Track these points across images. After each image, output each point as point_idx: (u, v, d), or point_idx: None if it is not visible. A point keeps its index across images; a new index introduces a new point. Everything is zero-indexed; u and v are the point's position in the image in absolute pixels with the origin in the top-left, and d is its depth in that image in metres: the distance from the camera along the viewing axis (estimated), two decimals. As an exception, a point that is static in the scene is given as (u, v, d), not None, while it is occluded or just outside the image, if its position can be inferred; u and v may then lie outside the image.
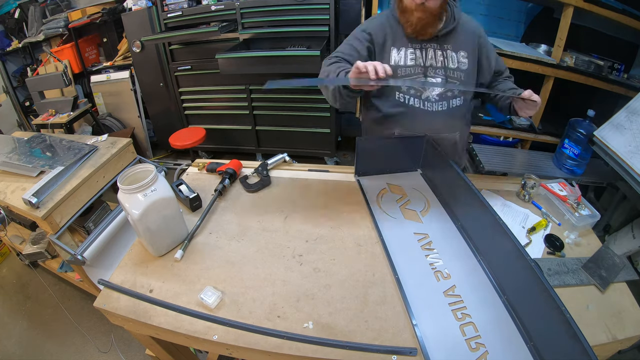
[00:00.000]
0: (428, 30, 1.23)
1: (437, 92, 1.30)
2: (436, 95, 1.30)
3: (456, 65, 1.28)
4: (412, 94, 1.31)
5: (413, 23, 1.21)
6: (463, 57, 1.28)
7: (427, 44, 1.28)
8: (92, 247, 1.42)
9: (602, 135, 1.93)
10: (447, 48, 1.28)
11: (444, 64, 1.28)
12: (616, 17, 2.22)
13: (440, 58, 1.28)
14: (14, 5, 3.56)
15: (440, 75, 1.29)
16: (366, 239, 1.09)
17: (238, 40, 2.79)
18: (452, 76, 1.29)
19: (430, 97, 1.30)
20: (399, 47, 1.29)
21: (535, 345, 0.77)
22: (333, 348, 0.79)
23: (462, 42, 1.28)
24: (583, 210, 1.16)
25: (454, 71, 1.29)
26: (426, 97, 1.31)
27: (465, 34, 1.28)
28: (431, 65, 1.28)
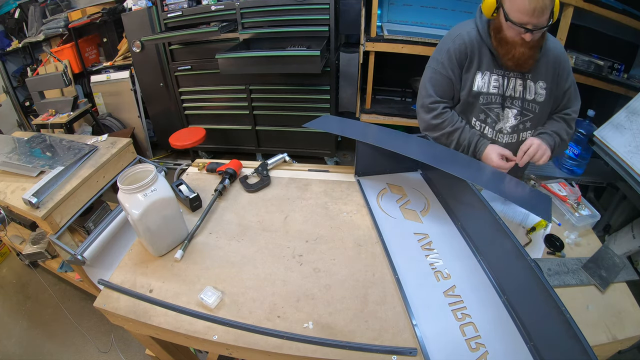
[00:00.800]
0: (529, 63, 1.15)
1: (510, 124, 1.26)
2: (509, 128, 1.27)
3: (533, 96, 1.22)
4: (488, 122, 1.27)
5: (516, 57, 1.13)
6: (541, 88, 1.21)
7: (510, 72, 1.20)
8: (92, 247, 1.42)
9: (602, 135, 1.93)
10: (527, 77, 1.21)
11: (522, 94, 1.22)
12: (616, 17, 2.22)
13: (519, 88, 1.21)
14: (14, 5, 3.56)
15: (517, 106, 1.23)
16: (366, 239, 1.09)
17: (238, 40, 2.79)
18: (527, 108, 1.24)
19: (504, 128, 1.27)
20: (484, 71, 1.22)
21: (535, 345, 0.77)
22: (333, 348, 0.79)
23: (542, 71, 1.20)
24: (583, 210, 1.16)
25: (530, 103, 1.23)
26: (499, 128, 1.27)
27: (547, 62, 1.19)
28: (510, 96, 1.23)
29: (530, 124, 1.26)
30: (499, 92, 1.22)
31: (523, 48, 1.10)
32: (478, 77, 1.22)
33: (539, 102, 1.23)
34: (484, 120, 1.27)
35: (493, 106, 1.25)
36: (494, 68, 1.21)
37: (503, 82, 1.21)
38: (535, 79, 1.20)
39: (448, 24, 2.83)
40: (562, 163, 2.37)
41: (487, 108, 1.25)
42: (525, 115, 1.24)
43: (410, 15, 2.85)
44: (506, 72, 1.21)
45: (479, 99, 1.24)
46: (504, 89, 1.22)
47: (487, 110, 1.25)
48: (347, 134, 1.27)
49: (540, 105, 1.23)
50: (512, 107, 1.24)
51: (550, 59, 1.19)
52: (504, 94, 1.22)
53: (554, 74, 1.20)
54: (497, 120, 1.26)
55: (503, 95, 1.22)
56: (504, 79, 1.21)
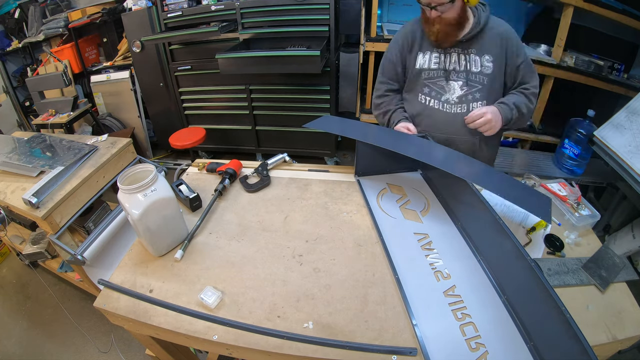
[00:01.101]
0: (449, 39, 1.27)
1: (456, 94, 1.33)
2: (455, 98, 1.33)
3: (479, 69, 1.30)
4: (433, 95, 1.36)
5: (434, 33, 1.26)
6: (487, 60, 1.29)
7: (450, 48, 1.31)
8: (92, 247, 1.42)
9: (602, 135, 1.93)
10: (470, 52, 1.30)
11: (467, 67, 1.31)
12: (616, 17, 2.22)
13: (463, 62, 1.31)
14: (14, 5, 3.56)
15: (462, 78, 1.32)
16: (366, 239, 1.09)
17: (238, 40, 2.79)
18: (474, 80, 1.31)
19: (450, 99, 1.34)
20: (425, 51, 1.36)
21: (535, 345, 0.77)
22: (333, 348, 0.79)
23: (487, 46, 1.29)
24: (583, 210, 1.16)
25: (477, 75, 1.30)
26: (446, 99, 1.35)
27: (491, 38, 1.28)
28: (454, 69, 1.32)
29: (480, 95, 1.32)
30: (439, 67, 1.34)
31: (438, 25, 1.23)
32: (420, 57, 1.36)
33: (486, 74, 1.30)
34: (428, 94, 1.38)
35: (436, 80, 1.35)
36: (433, 48, 1.34)
37: (444, 58, 1.33)
38: (481, 53, 1.29)
39: (448, 24, 2.83)
40: (562, 163, 2.37)
41: (430, 82, 1.37)
42: (473, 86, 1.32)
43: (410, 15, 2.84)
44: (447, 49, 1.32)
45: (422, 74, 1.37)
46: (445, 64, 1.33)
47: (430, 84, 1.37)
48: (347, 134, 1.30)
49: (488, 77, 1.30)
50: (458, 79, 1.32)
51: (495, 35, 1.28)
52: (446, 68, 1.32)
53: (501, 49, 1.28)
54: (442, 92, 1.35)
55: (445, 70, 1.33)
56: (444, 56, 1.32)
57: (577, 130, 2.18)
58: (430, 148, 1.25)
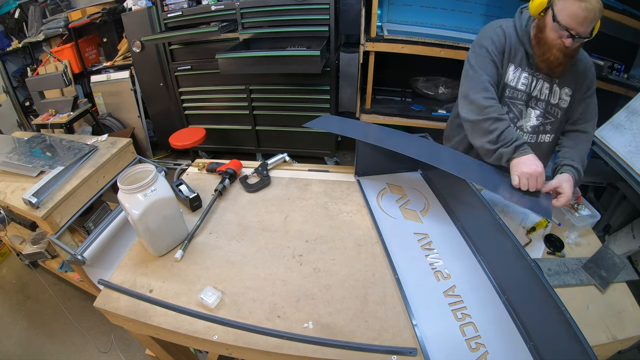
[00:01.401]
0: (560, 69, 1.17)
1: (531, 123, 1.27)
2: (530, 127, 1.28)
3: (556, 101, 1.24)
4: (510, 117, 1.26)
5: (549, 60, 1.14)
6: (566, 94, 1.23)
7: (540, 72, 1.22)
8: (92, 247, 1.42)
9: (602, 135, 1.93)
10: (555, 82, 1.22)
11: (548, 98, 1.24)
12: (616, 17, 2.22)
13: (545, 91, 1.23)
14: (14, 5, 3.56)
15: (540, 108, 1.25)
16: (366, 239, 1.09)
17: (238, 40, 2.79)
18: (550, 112, 1.25)
19: (524, 127, 1.28)
20: (517, 66, 1.23)
21: (535, 345, 0.77)
22: (333, 348, 0.79)
23: (569, 78, 1.22)
24: (583, 210, 1.16)
25: (553, 107, 1.25)
26: (520, 125, 1.28)
27: (575, 71, 1.21)
28: (536, 97, 1.24)
29: (551, 128, 1.28)
30: (525, 90, 1.24)
31: (559, 53, 1.12)
32: (510, 70, 1.23)
33: (561, 108, 1.25)
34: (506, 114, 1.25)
35: (517, 102, 1.26)
36: (525, 66, 1.22)
37: (531, 81, 1.23)
38: (562, 85, 1.22)
39: (448, 24, 2.83)
40: (562, 163, 2.36)
41: (511, 102, 1.26)
42: (547, 118, 1.26)
43: (410, 15, 2.85)
44: (536, 72, 1.22)
45: (505, 91, 1.25)
46: (530, 88, 1.23)
47: (510, 104, 1.26)
48: (347, 134, 1.28)
49: (562, 111, 1.25)
50: (536, 107, 1.25)
51: (580, 69, 1.21)
52: (530, 93, 1.24)
53: (578, 83, 1.22)
54: (519, 117, 1.27)
55: (529, 94, 1.24)
56: (532, 79, 1.23)
57: (577, 130, 2.18)
58: (429, 148, 1.25)
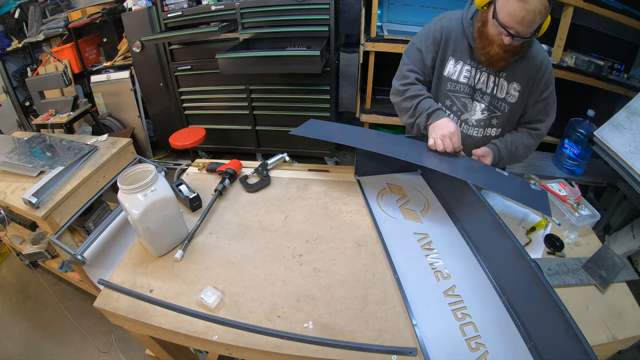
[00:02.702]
0: (500, 64, 1.15)
1: (476, 117, 1.27)
2: (474, 120, 1.27)
3: (503, 95, 1.22)
4: (454, 110, 1.28)
5: (489, 54, 1.13)
6: (514, 89, 1.20)
7: (483, 66, 1.20)
8: (92, 247, 1.42)
9: (602, 135, 1.93)
10: (501, 75, 1.20)
11: (493, 91, 1.22)
12: (616, 17, 2.22)
13: (491, 84, 1.21)
14: (14, 5, 3.56)
15: (485, 101, 1.24)
16: (366, 239, 1.09)
17: (238, 40, 2.79)
18: (497, 105, 1.24)
19: (470, 120, 1.28)
20: (457, 59, 1.23)
21: (535, 345, 0.77)
22: (333, 348, 0.79)
23: (519, 73, 1.18)
24: (583, 210, 1.16)
25: (500, 101, 1.23)
26: (465, 118, 1.28)
27: (526, 67, 1.18)
28: (480, 90, 1.23)
29: (497, 122, 1.27)
30: (468, 83, 1.23)
31: (499, 49, 1.10)
32: (450, 63, 1.24)
33: (509, 102, 1.23)
34: (449, 107, 1.29)
35: (460, 95, 1.26)
36: (468, 59, 1.22)
37: (475, 74, 1.22)
38: (510, 80, 1.20)
39: (448, 24, 2.82)
40: (562, 163, 2.37)
41: (453, 95, 1.26)
42: (493, 112, 1.25)
43: (410, 15, 2.85)
44: (480, 65, 1.21)
45: (446, 84, 1.26)
46: (474, 80, 1.23)
47: (453, 97, 1.27)
48: (333, 139, 1.27)
49: (510, 106, 1.23)
50: (481, 101, 1.25)
51: (530, 64, 1.18)
52: (474, 86, 1.23)
53: (529, 80, 1.19)
54: (463, 110, 1.27)
55: (473, 87, 1.24)
56: (476, 72, 1.22)
57: (577, 130, 2.18)
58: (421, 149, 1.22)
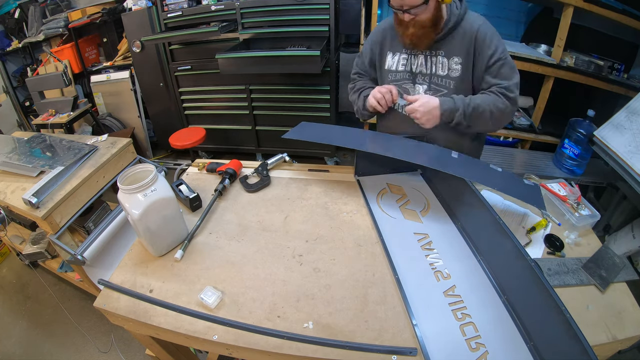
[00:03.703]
0: (424, 42, 1.20)
1: None
2: None
3: (446, 72, 1.23)
4: None
5: (408, 36, 1.19)
6: (456, 63, 1.21)
7: (417, 50, 1.25)
8: (92, 247, 1.42)
9: (602, 135, 1.93)
10: (438, 54, 1.23)
11: (432, 70, 1.25)
12: (616, 17, 2.22)
13: (429, 65, 1.25)
14: (14, 5, 3.56)
15: (426, 82, 1.27)
16: (366, 239, 1.09)
17: (238, 40, 2.79)
18: (439, 83, 1.25)
19: None
20: (394, 52, 1.32)
21: (535, 345, 0.77)
22: (333, 348, 0.79)
23: (457, 46, 1.20)
24: (583, 210, 1.16)
25: (442, 78, 1.24)
26: None
27: (462, 38, 1.19)
28: (420, 72, 1.27)
29: None
30: (406, 69, 1.30)
31: (412, 28, 1.16)
32: (389, 57, 1.33)
33: (453, 77, 1.23)
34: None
35: (402, 82, 1.32)
36: (402, 49, 1.29)
37: (411, 60, 1.28)
38: (449, 55, 1.22)
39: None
40: (562, 163, 2.37)
41: (396, 85, 1.31)
42: (438, 90, 1.27)
43: (410, 15, 2.84)
44: (413, 50, 1.26)
45: (389, 76, 1.33)
46: (411, 66, 1.28)
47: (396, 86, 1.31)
48: (326, 141, 1.33)
49: (455, 80, 1.23)
50: (423, 83, 1.29)
51: (466, 34, 1.19)
52: (413, 70, 1.28)
53: (469, 50, 1.19)
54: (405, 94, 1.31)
55: (412, 72, 1.29)
56: (411, 57, 1.28)
57: (577, 130, 2.18)
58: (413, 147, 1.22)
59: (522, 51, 2.47)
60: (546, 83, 2.51)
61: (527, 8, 2.83)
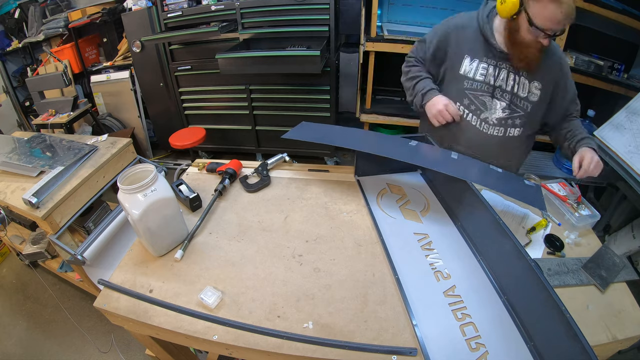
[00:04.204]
0: (535, 63, 1.15)
1: (497, 115, 1.25)
2: (495, 119, 1.25)
3: (525, 94, 1.21)
4: (472, 109, 1.27)
5: (528, 58, 1.13)
6: (536, 88, 1.20)
7: (503, 62, 1.19)
8: (92, 247, 1.42)
9: (602, 135, 1.93)
10: (522, 74, 1.19)
11: (514, 89, 1.21)
12: (616, 17, 2.22)
13: (511, 82, 1.20)
14: (14, 5, 3.56)
15: (506, 100, 1.22)
16: (366, 239, 1.09)
17: (238, 40, 2.79)
18: (518, 104, 1.22)
19: (489, 119, 1.26)
20: (473, 57, 1.23)
21: (535, 345, 0.77)
22: (333, 348, 0.79)
23: (540, 71, 1.18)
24: (583, 210, 1.16)
25: (522, 100, 1.21)
26: (485, 117, 1.26)
27: (546, 64, 1.17)
28: (500, 87, 1.22)
29: (520, 122, 1.25)
30: (485, 80, 1.23)
31: (536, 51, 1.11)
32: (466, 61, 1.24)
33: (531, 101, 1.22)
34: (467, 106, 1.28)
35: (479, 94, 1.25)
36: (484, 57, 1.21)
37: (493, 71, 1.21)
38: (531, 78, 1.19)
39: (448, 24, 2.83)
40: (562, 163, 2.37)
41: (471, 94, 1.25)
42: (515, 111, 1.23)
43: (410, 15, 2.84)
44: (499, 62, 1.20)
45: (464, 82, 1.25)
46: (493, 78, 1.21)
47: (471, 96, 1.25)
48: (326, 141, 1.29)
49: (532, 105, 1.22)
50: (502, 99, 1.23)
51: (550, 61, 1.17)
52: (494, 83, 1.22)
53: (552, 79, 1.19)
54: (482, 108, 1.25)
55: (493, 85, 1.22)
56: (494, 69, 1.21)
57: (577, 130, 2.18)
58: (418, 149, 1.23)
59: (522, 51, 2.46)
60: (546, 83, 2.51)
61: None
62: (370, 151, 1.16)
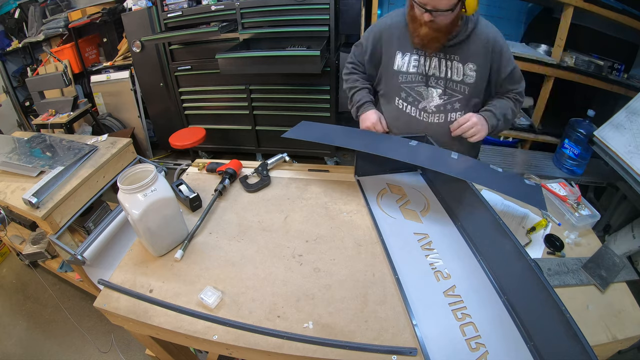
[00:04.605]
0: (434, 45, 1.18)
1: (434, 103, 1.28)
2: (434, 107, 1.28)
3: (460, 77, 1.23)
4: (410, 101, 1.31)
5: (420, 35, 1.17)
6: (471, 69, 1.22)
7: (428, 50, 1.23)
8: (92, 247, 1.42)
9: (602, 135, 1.93)
10: (454, 59, 1.22)
11: (447, 74, 1.24)
12: (616, 17, 2.22)
13: (443, 68, 1.23)
14: (14, 5, 3.56)
15: (441, 86, 1.25)
16: (366, 239, 1.09)
17: (238, 40, 2.79)
18: (454, 88, 1.25)
19: (428, 107, 1.29)
20: (404, 52, 1.27)
21: (535, 345, 0.77)
22: (333, 348, 0.79)
23: (472, 53, 1.21)
24: (583, 210, 1.16)
25: (457, 84, 1.24)
26: (423, 107, 1.29)
27: (478, 46, 1.20)
28: (433, 75, 1.25)
29: (460, 105, 1.27)
30: (418, 71, 1.26)
31: (427, 29, 1.14)
32: (398, 56, 1.28)
33: (468, 84, 1.24)
34: (405, 99, 1.32)
35: (414, 85, 1.28)
36: (414, 49, 1.26)
37: (424, 61, 1.25)
38: (464, 61, 1.22)
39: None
40: (562, 163, 2.37)
41: (407, 87, 1.29)
42: (452, 95, 1.26)
43: (410, 15, 2.84)
44: (425, 52, 1.24)
45: (399, 77, 1.29)
46: (425, 68, 1.25)
47: (407, 88, 1.29)
48: (327, 141, 1.30)
49: (469, 87, 1.24)
50: (437, 86, 1.26)
51: (482, 42, 1.20)
52: (426, 73, 1.25)
53: (486, 58, 1.21)
54: (419, 98, 1.29)
55: (425, 75, 1.26)
56: (425, 59, 1.25)
57: (577, 130, 2.18)
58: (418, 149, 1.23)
59: (522, 51, 2.47)
60: (546, 83, 2.51)
61: (527, 8, 2.83)
62: (370, 151, 1.16)
